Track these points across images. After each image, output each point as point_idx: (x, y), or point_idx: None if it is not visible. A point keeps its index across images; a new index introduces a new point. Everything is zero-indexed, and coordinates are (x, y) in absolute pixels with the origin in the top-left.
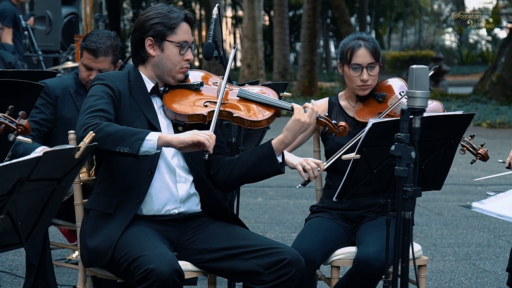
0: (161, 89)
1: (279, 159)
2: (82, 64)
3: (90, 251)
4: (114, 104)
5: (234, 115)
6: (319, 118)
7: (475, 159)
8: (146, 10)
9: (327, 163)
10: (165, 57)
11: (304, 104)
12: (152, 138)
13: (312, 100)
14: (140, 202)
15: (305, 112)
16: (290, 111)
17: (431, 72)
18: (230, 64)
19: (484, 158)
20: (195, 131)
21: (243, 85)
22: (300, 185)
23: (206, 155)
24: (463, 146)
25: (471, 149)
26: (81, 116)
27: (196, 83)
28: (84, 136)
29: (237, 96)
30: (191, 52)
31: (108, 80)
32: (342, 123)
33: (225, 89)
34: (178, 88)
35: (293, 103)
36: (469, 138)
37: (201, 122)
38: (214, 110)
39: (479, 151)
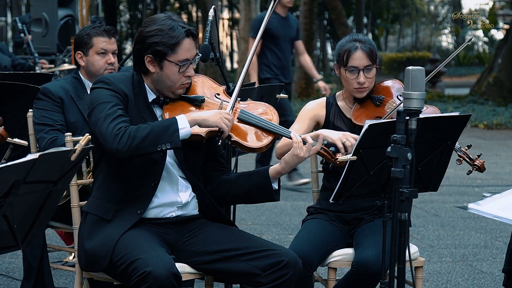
0: (161, 99)
1: (275, 186)
2: (95, 54)
3: (87, 255)
4: (125, 107)
5: (232, 138)
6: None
7: (471, 169)
8: (149, 22)
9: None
10: (164, 75)
11: (304, 136)
12: (184, 126)
13: (308, 138)
14: (141, 214)
15: (304, 144)
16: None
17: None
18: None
19: (481, 169)
20: (220, 111)
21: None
22: (331, 166)
23: (220, 140)
24: (459, 156)
25: (467, 159)
26: (103, 125)
27: (197, 98)
28: (119, 146)
29: (238, 118)
30: (192, 68)
31: (113, 86)
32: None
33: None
34: (179, 100)
35: (293, 133)
36: (466, 148)
37: (198, 140)
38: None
39: (476, 162)
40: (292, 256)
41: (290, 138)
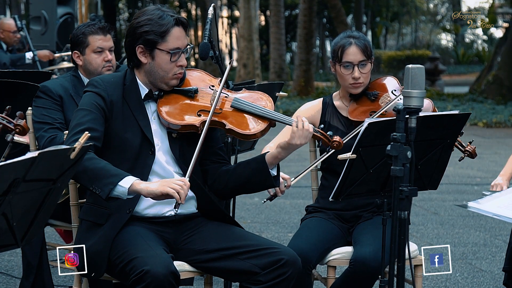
0: (156, 93)
1: (274, 172)
2: (92, 52)
3: (85, 261)
4: (106, 116)
5: (226, 127)
6: (314, 133)
7: (463, 156)
8: (139, 14)
9: (295, 178)
10: (156, 65)
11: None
12: (124, 185)
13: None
14: (130, 213)
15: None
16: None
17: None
18: (226, 74)
19: (472, 155)
20: (167, 181)
21: (239, 85)
22: (265, 200)
23: (177, 209)
24: None
25: (459, 146)
26: (69, 134)
27: (191, 90)
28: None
29: (231, 107)
30: (184, 57)
31: (102, 89)
32: (336, 138)
33: (220, 96)
34: (173, 93)
35: (295, 120)
36: (458, 136)
37: (194, 131)
38: (205, 121)
39: (467, 148)
40: (291, 254)
41: (287, 124)
